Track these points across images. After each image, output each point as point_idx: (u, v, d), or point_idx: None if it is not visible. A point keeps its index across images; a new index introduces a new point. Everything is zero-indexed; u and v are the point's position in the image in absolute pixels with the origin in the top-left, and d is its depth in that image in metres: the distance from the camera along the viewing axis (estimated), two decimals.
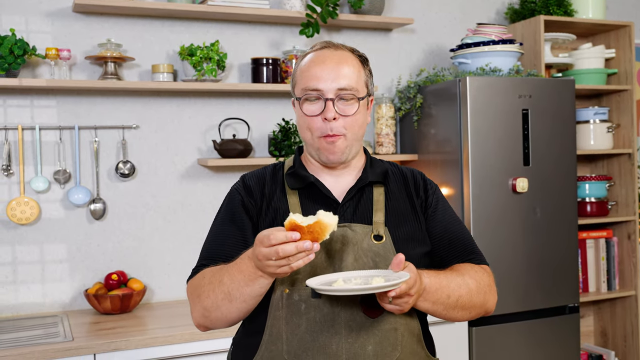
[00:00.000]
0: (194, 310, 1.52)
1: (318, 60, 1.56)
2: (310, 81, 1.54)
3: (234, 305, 1.44)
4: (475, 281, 1.54)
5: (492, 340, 2.96)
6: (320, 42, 1.62)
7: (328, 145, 1.53)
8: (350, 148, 1.57)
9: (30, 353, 2.24)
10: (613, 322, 3.75)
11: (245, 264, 1.40)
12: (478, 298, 1.54)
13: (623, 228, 3.67)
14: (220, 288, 1.44)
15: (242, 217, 1.57)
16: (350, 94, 1.53)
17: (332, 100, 1.52)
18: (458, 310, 1.51)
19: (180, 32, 3.05)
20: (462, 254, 1.61)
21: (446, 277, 1.49)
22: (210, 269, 1.51)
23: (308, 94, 1.53)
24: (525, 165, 3.03)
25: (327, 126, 1.52)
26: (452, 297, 1.48)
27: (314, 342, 1.46)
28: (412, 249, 1.56)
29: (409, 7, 3.53)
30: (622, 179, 3.69)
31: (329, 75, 1.53)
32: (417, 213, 1.61)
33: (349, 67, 1.55)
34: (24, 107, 2.81)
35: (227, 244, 1.55)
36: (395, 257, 1.37)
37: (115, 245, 2.94)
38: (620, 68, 3.69)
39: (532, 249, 3.05)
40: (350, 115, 1.53)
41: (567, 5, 3.56)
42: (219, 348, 2.46)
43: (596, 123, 3.61)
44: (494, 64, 3.14)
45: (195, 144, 3.08)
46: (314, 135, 1.55)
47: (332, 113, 1.51)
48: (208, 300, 1.46)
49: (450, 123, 3.05)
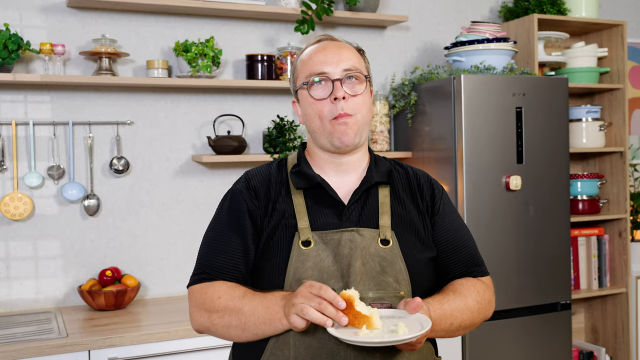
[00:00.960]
0: (198, 319, 1.51)
1: (319, 49, 1.57)
2: (314, 66, 1.54)
3: (244, 334, 1.45)
4: (477, 302, 1.55)
5: (485, 336, 2.98)
6: (316, 36, 1.63)
7: (340, 127, 1.52)
8: (361, 131, 1.56)
9: (25, 349, 2.23)
10: (604, 319, 3.78)
11: (275, 303, 1.40)
12: (479, 317, 1.56)
13: (614, 226, 3.70)
14: (238, 316, 1.44)
15: (245, 225, 1.54)
16: (356, 74, 1.54)
17: (339, 80, 1.52)
18: (460, 332, 1.53)
19: (174, 28, 3.04)
20: (466, 265, 1.61)
21: (450, 305, 1.49)
22: (226, 289, 1.49)
23: (314, 78, 1.53)
24: (518, 163, 3.05)
25: (337, 106, 1.51)
26: (454, 324, 1.49)
27: (321, 349, 1.43)
28: (419, 253, 1.54)
29: (403, 5, 3.53)
30: (613, 177, 3.71)
31: (333, 58, 1.54)
32: (423, 216, 1.59)
33: (350, 51, 1.57)
34: (18, 103, 2.79)
35: (228, 255, 1.53)
36: (412, 301, 1.37)
37: (109, 241, 2.93)
38: (613, 67, 3.71)
39: (525, 246, 3.07)
40: (359, 94, 1.54)
41: (560, 4, 3.57)
42: (214, 344, 2.46)
43: (588, 121, 3.63)
44: (488, 62, 3.15)
45: (190, 140, 3.07)
46: (324, 121, 1.53)
47: (341, 92, 1.51)
48: (220, 321, 1.46)
49: (445, 120, 3.06)
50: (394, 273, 1.49)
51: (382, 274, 1.48)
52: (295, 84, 1.60)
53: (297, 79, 1.60)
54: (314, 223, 1.52)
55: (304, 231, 1.50)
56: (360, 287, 1.45)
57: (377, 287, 1.47)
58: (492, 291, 1.63)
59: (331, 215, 1.53)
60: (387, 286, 1.47)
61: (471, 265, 1.61)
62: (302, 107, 1.59)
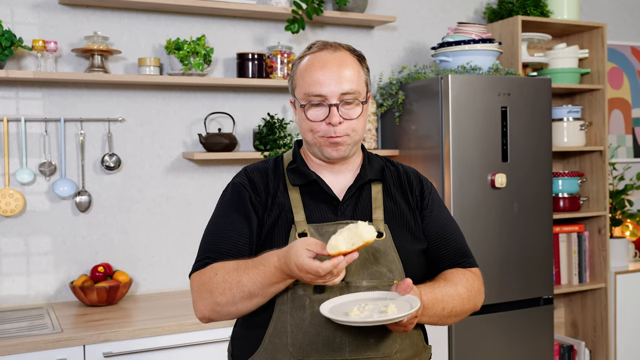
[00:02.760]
0: (201, 304, 1.51)
1: (319, 64, 1.56)
2: (312, 87, 1.55)
3: (253, 301, 1.47)
4: (467, 289, 1.60)
5: (470, 330, 3.05)
6: (317, 42, 1.62)
7: (331, 146, 1.57)
8: (353, 146, 1.60)
9: (21, 344, 2.25)
10: (583, 313, 3.88)
11: (272, 272, 1.42)
12: (469, 304, 1.61)
13: (594, 223, 3.80)
14: (239, 288, 1.45)
15: (249, 212, 1.58)
16: (353, 98, 1.55)
17: (336, 106, 1.54)
18: (452, 319, 1.58)
19: (166, 26, 3.06)
20: (455, 256, 1.67)
21: (441, 290, 1.54)
22: (221, 265, 1.51)
23: (312, 99, 1.55)
24: (503, 161, 3.13)
25: (331, 129, 1.55)
26: (446, 309, 1.55)
27: (318, 335, 1.49)
28: (412, 245, 1.61)
29: (391, 5, 3.59)
30: (593, 175, 3.81)
31: (331, 79, 1.54)
32: (413, 210, 1.65)
33: (350, 69, 1.56)
34: (9, 99, 2.80)
35: (234, 238, 1.55)
36: (403, 282, 1.42)
37: (100, 237, 2.95)
38: (593, 68, 3.81)
39: (509, 242, 3.14)
40: (354, 118, 1.56)
41: (543, 6, 3.66)
42: (207, 339, 2.50)
43: (570, 121, 3.72)
44: (474, 63, 3.22)
45: (181, 138, 3.10)
46: (316, 136, 1.57)
47: (337, 118, 1.54)
48: (223, 297, 1.47)
49: (432, 119, 3.12)
50: (387, 263, 1.55)
51: (375, 264, 1.54)
52: (293, 92, 1.63)
53: (295, 88, 1.61)
54: (310, 217, 1.57)
55: (300, 224, 1.55)
56: (354, 277, 1.51)
57: (370, 276, 1.53)
58: (481, 281, 1.69)
59: (326, 211, 1.59)
60: (380, 276, 1.54)
61: (460, 256, 1.68)
62: (297, 115, 1.63)
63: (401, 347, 1.55)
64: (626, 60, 4.33)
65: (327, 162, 1.63)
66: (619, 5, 4.34)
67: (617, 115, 4.30)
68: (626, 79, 4.33)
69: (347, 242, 1.34)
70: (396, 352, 1.53)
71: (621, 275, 3.75)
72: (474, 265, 1.70)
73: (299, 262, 1.35)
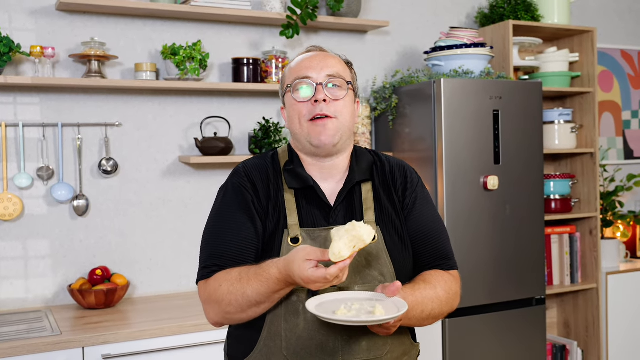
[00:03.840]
0: (211, 313, 1.55)
1: (306, 57, 1.67)
2: (299, 71, 1.62)
3: (261, 307, 1.50)
4: (446, 292, 1.61)
5: (464, 330, 3.09)
6: (307, 47, 1.73)
7: (317, 128, 1.58)
8: (342, 133, 1.61)
9: (22, 347, 2.28)
10: (575, 313, 3.93)
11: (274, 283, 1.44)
12: (447, 307, 1.62)
13: (585, 224, 3.85)
14: (245, 298, 1.47)
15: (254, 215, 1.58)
16: (339, 80, 1.62)
17: (321, 85, 1.60)
18: (429, 321, 1.60)
19: (162, 32, 3.10)
20: (434, 257, 1.66)
21: (421, 293, 1.55)
22: (224, 275, 1.52)
23: (298, 81, 1.61)
24: (496, 163, 3.17)
25: (317, 108, 1.58)
26: (425, 312, 1.56)
27: (311, 340, 1.52)
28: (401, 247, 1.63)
29: (384, 10, 3.64)
30: (584, 177, 3.86)
31: (318, 64, 1.62)
32: (397, 211, 1.66)
33: (335, 60, 1.66)
34: (7, 104, 2.83)
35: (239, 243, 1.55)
36: (392, 285, 1.44)
37: (97, 241, 2.98)
38: (584, 71, 3.86)
39: (501, 244, 3.19)
40: (340, 99, 1.61)
41: (534, 10, 3.71)
42: (206, 340, 2.53)
43: (561, 124, 3.77)
44: (466, 67, 3.27)
45: (177, 142, 3.13)
46: (302, 121, 1.60)
47: (322, 95, 1.59)
48: (231, 307, 1.50)
49: (425, 123, 3.16)
50: (379, 267, 1.58)
51: (367, 268, 1.57)
52: (283, 89, 1.68)
53: (284, 84, 1.67)
54: (303, 222, 1.59)
55: (293, 228, 1.57)
56: (347, 282, 1.53)
57: (362, 280, 1.56)
58: (459, 284, 1.69)
59: (319, 216, 1.60)
60: (372, 279, 1.56)
61: (439, 258, 1.67)
62: (287, 110, 1.67)
63: (392, 348, 1.58)
64: (616, 64, 4.39)
65: (316, 153, 1.63)
66: (608, 9, 4.41)
67: (608, 117, 4.35)
68: (616, 82, 4.39)
69: (348, 247, 1.36)
70: (387, 352, 1.57)
71: (612, 276, 3.80)
72: (454, 268, 1.69)
73: (304, 276, 1.37)
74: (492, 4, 3.75)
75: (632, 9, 4.50)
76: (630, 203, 4.39)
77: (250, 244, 1.56)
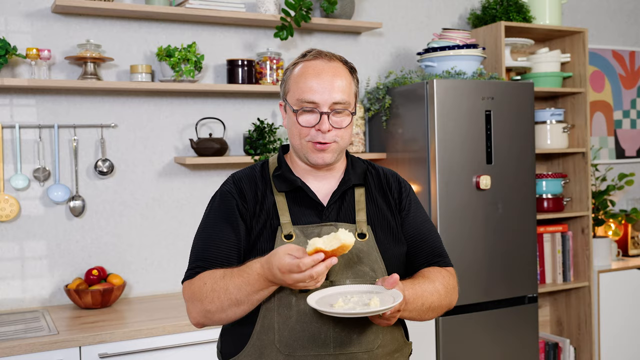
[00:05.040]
0: (194, 311, 1.59)
1: (313, 72, 1.62)
2: (305, 93, 1.61)
3: (241, 308, 1.54)
4: (444, 286, 1.67)
5: (457, 328, 3.13)
6: (312, 51, 1.68)
7: (318, 151, 1.63)
8: (338, 154, 1.67)
9: (18, 346, 2.30)
10: (568, 311, 3.97)
11: (255, 279, 1.48)
12: (446, 300, 1.68)
13: (577, 223, 3.89)
14: (227, 296, 1.52)
15: (237, 221, 1.63)
16: (343, 108, 1.63)
17: (327, 114, 1.61)
18: (429, 314, 1.65)
19: (157, 34, 3.12)
20: (431, 256, 1.74)
21: (420, 286, 1.61)
22: (209, 274, 1.57)
23: (304, 106, 1.62)
24: (488, 163, 3.21)
25: (320, 135, 1.61)
26: (425, 304, 1.61)
27: (303, 332, 1.56)
28: (393, 245, 1.68)
29: (377, 12, 3.67)
30: (576, 176, 3.90)
31: (325, 88, 1.61)
32: (394, 212, 1.73)
33: (342, 80, 1.64)
34: (4, 106, 2.85)
35: (222, 247, 1.61)
36: (390, 277, 1.49)
37: (94, 241, 3.00)
38: (575, 72, 3.90)
39: (494, 243, 3.22)
40: (343, 127, 1.64)
41: (525, 11, 3.75)
42: (201, 339, 2.55)
43: (552, 124, 3.81)
44: (459, 67, 3.30)
45: (173, 143, 3.16)
46: (303, 140, 1.63)
47: (327, 126, 1.61)
48: (212, 305, 1.54)
49: (418, 123, 3.20)
50: (370, 263, 1.63)
51: (359, 264, 1.62)
52: (285, 96, 1.68)
53: (287, 93, 1.67)
54: (296, 221, 1.64)
55: (286, 226, 1.62)
56: (338, 276, 1.59)
57: (354, 275, 1.61)
58: (456, 280, 1.76)
59: (312, 215, 1.65)
60: (363, 275, 1.61)
61: (435, 256, 1.75)
62: (287, 119, 1.69)
63: (383, 342, 1.62)
64: (607, 64, 4.44)
65: (312, 167, 1.69)
66: (600, 10, 4.45)
67: (599, 117, 4.40)
68: (607, 82, 4.43)
69: (325, 243, 1.39)
70: (378, 347, 1.61)
71: (604, 274, 3.84)
72: (449, 265, 1.77)
73: (280, 264, 1.41)
74: (484, 5, 3.79)
75: (623, 9, 4.54)
76: (621, 202, 4.43)
77: (232, 248, 1.61)
